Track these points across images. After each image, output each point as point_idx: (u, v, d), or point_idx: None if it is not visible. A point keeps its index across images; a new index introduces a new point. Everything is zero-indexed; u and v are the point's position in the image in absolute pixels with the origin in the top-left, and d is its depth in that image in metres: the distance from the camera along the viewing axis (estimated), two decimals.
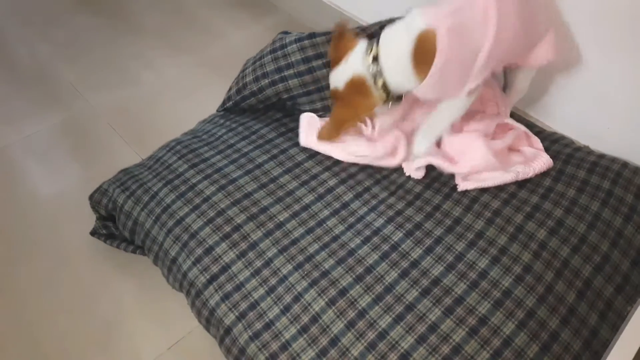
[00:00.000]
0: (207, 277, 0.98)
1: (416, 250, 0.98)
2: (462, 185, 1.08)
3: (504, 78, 1.24)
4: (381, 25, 1.19)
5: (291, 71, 1.20)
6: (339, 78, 1.04)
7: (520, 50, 1.05)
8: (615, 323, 0.92)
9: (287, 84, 1.21)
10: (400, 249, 0.98)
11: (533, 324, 0.88)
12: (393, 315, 0.89)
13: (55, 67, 1.79)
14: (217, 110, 1.36)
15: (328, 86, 1.11)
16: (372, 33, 1.20)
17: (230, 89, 1.31)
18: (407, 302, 0.91)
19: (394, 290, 0.92)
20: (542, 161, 1.11)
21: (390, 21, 1.13)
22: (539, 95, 1.31)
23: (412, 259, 0.97)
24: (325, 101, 1.23)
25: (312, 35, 1.20)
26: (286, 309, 0.92)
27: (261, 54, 1.26)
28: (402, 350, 0.85)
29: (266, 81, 1.22)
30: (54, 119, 1.61)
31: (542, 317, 0.89)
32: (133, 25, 2.00)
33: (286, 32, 1.28)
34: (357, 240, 1.01)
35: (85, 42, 1.91)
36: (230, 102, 1.30)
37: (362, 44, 1.03)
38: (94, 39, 1.92)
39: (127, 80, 1.75)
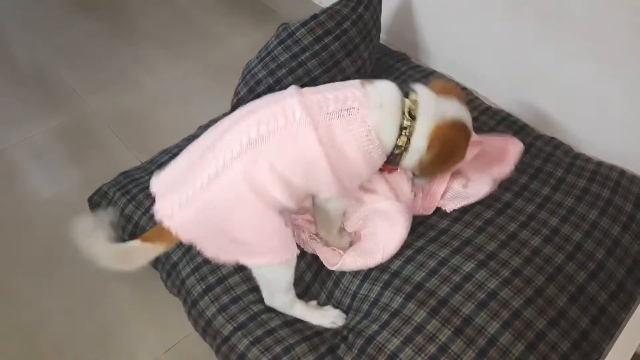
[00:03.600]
0: (204, 287, 0.99)
1: (395, 262, 0.98)
2: (449, 206, 1.08)
3: None
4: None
5: (307, 54, 1.22)
6: None
7: None
8: (608, 328, 0.93)
9: (306, 67, 1.23)
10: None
11: (518, 324, 0.88)
12: (380, 323, 0.91)
13: (57, 71, 1.81)
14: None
15: (343, 59, 1.19)
16: None
17: (237, 93, 1.30)
18: (392, 309, 0.92)
19: (379, 302, 0.94)
20: (513, 153, 1.09)
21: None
22: (536, 101, 1.33)
23: (392, 270, 0.97)
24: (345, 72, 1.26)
25: (315, 16, 1.24)
26: (290, 323, 0.93)
27: (267, 50, 1.26)
28: (388, 352, 0.86)
29: (283, 71, 1.23)
30: (54, 121, 1.62)
31: (529, 317, 0.89)
32: (134, 30, 2.01)
33: (286, 23, 1.30)
34: None
35: (87, 47, 1.92)
36: (242, 104, 1.29)
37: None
38: (95, 43, 1.94)
39: (128, 84, 1.76)
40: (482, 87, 1.44)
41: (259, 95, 1.26)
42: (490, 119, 1.30)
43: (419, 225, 1.06)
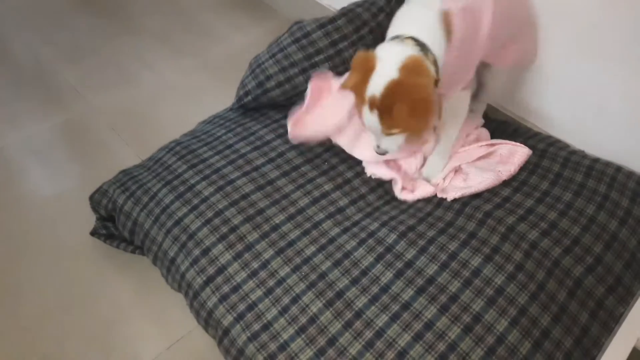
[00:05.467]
0: (204, 278, 1.00)
1: (410, 251, 1.00)
2: (450, 195, 1.10)
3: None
4: (344, 11, 1.30)
5: (321, 56, 1.25)
6: (380, 82, 0.94)
7: (495, 46, 1.11)
8: (607, 322, 0.94)
9: (318, 69, 1.25)
10: (394, 250, 1.00)
11: (525, 321, 0.89)
12: (389, 314, 0.91)
13: (57, 69, 1.81)
14: (232, 107, 1.34)
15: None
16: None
17: (244, 85, 1.31)
18: (403, 301, 0.92)
19: (390, 290, 0.94)
20: (520, 154, 1.15)
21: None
22: (535, 100, 1.33)
23: (406, 260, 0.98)
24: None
25: (333, 20, 1.26)
26: (284, 310, 0.94)
27: (279, 46, 1.27)
28: (399, 348, 0.87)
29: (295, 70, 1.25)
30: (54, 119, 1.62)
31: (534, 314, 0.90)
32: (134, 27, 2.01)
33: (300, 22, 1.30)
34: (353, 243, 1.03)
35: (87, 44, 1.92)
36: (249, 97, 1.29)
37: (386, 45, 0.99)
38: (95, 40, 1.94)
39: (128, 81, 1.77)
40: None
41: (268, 91, 1.28)
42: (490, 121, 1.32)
43: (428, 216, 1.08)
